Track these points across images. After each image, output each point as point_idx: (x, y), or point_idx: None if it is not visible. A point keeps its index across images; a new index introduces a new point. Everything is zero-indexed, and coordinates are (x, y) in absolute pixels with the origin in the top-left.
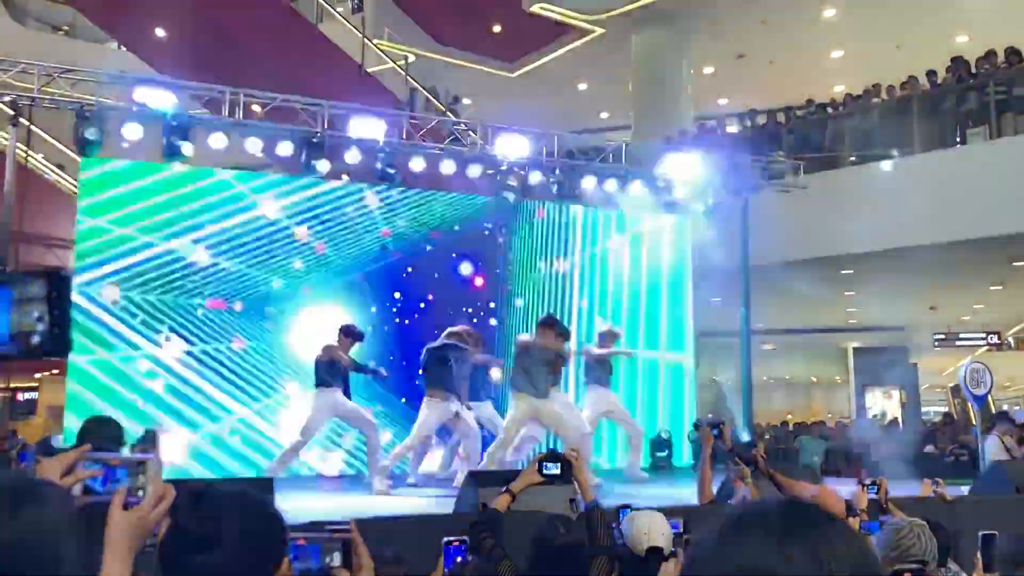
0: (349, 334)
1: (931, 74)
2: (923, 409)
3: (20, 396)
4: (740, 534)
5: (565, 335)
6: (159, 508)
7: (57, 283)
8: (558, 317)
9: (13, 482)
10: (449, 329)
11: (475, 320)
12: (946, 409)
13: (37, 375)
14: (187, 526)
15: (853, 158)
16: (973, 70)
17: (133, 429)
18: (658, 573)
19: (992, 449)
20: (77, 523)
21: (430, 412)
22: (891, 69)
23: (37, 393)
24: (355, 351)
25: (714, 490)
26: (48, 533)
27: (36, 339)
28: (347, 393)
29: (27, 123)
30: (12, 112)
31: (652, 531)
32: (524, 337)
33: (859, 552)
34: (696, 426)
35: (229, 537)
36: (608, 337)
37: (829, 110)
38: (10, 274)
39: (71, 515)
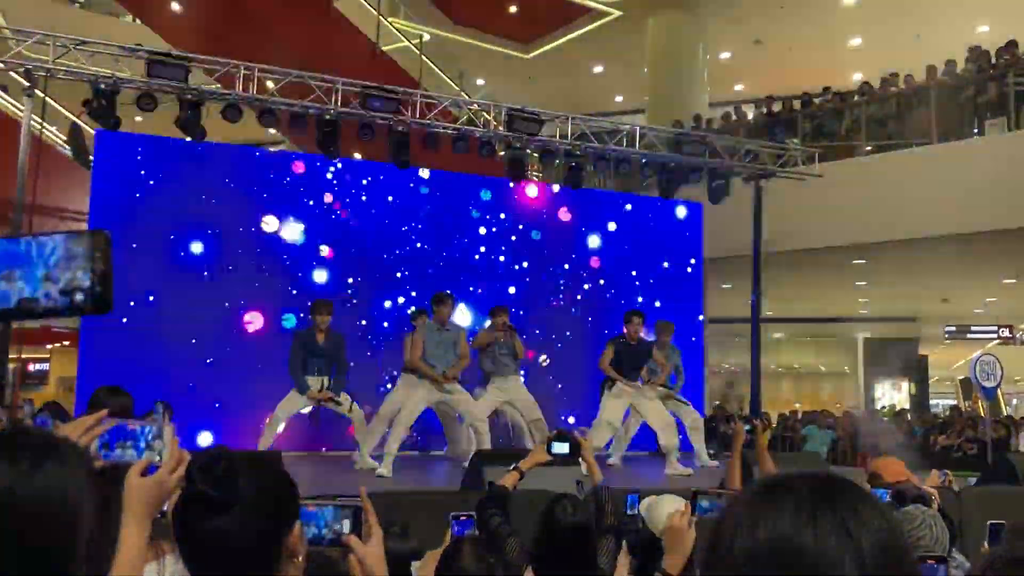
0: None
1: (950, 64)
2: (932, 401)
3: (31, 367)
4: (769, 506)
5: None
6: (176, 473)
7: (101, 243)
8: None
9: (35, 438)
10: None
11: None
12: (954, 402)
13: (48, 346)
14: (201, 489)
15: (869, 147)
16: (993, 60)
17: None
18: None
19: None
20: (95, 483)
21: None
22: (910, 58)
23: (48, 364)
24: None
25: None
26: (70, 491)
27: (80, 297)
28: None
29: (42, 95)
30: (27, 83)
31: None
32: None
33: (889, 526)
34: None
35: (243, 500)
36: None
37: (846, 98)
38: (47, 234)
39: (90, 474)
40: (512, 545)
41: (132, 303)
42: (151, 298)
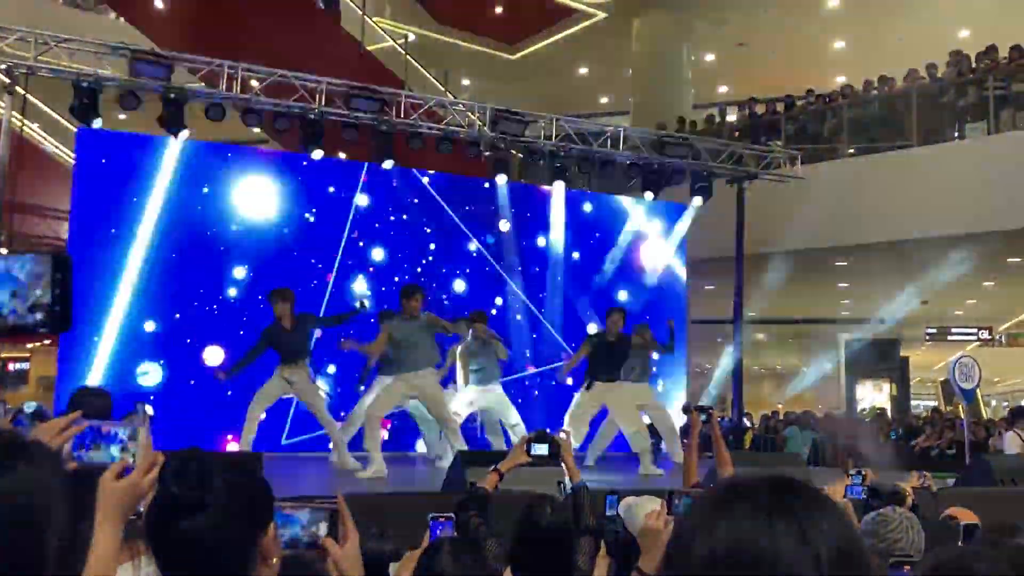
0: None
1: (931, 67)
2: (913, 403)
3: (11, 367)
4: (727, 509)
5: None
6: (150, 476)
7: (61, 264)
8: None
9: (5, 439)
10: None
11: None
12: (935, 403)
13: (29, 345)
14: (174, 491)
15: (852, 150)
16: (973, 65)
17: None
18: None
19: (1010, 444)
20: (67, 486)
21: None
22: (892, 61)
23: (28, 364)
24: None
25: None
26: (39, 492)
27: (40, 316)
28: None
29: (23, 92)
30: (8, 80)
31: None
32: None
33: (845, 530)
34: (685, 410)
35: (216, 502)
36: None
37: (829, 101)
38: (17, 254)
39: (62, 477)
40: (491, 546)
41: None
42: (139, 297)
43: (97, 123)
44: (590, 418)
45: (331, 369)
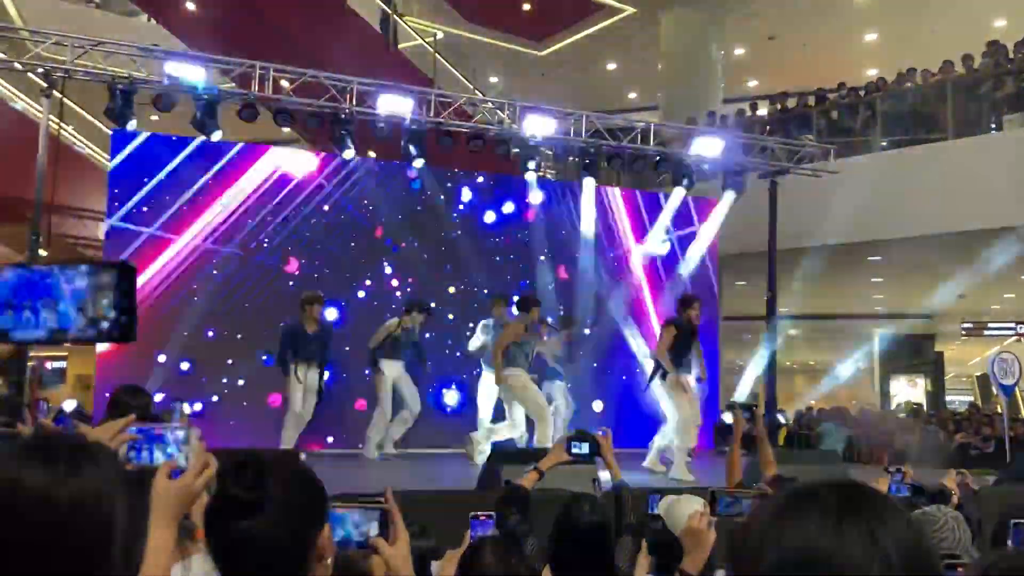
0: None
1: (967, 59)
2: (948, 398)
3: (48, 365)
4: (796, 514)
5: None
6: (202, 477)
7: (126, 274)
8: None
9: (70, 441)
10: None
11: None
12: (971, 398)
13: (66, 344)
14: (232, 492)
15: (885, 143)
16: (1010, 55)
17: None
18: None
19: None
20: (128, 488)
21: None
22: (926, 53)
23: (65, 363)
24: None
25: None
26: (103, 494)
27: (105, 325)
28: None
29: (60, 95)
30: (45, 84)
31: None
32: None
33: (914, 533)
34: (729, 408)
35: (273, 503)
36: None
37: (861, 94)
38: (85, 265)
39: (122, 478)
40: (530, 545)
41: (150, 302)
42: (174, 297)
43: (132, 125)
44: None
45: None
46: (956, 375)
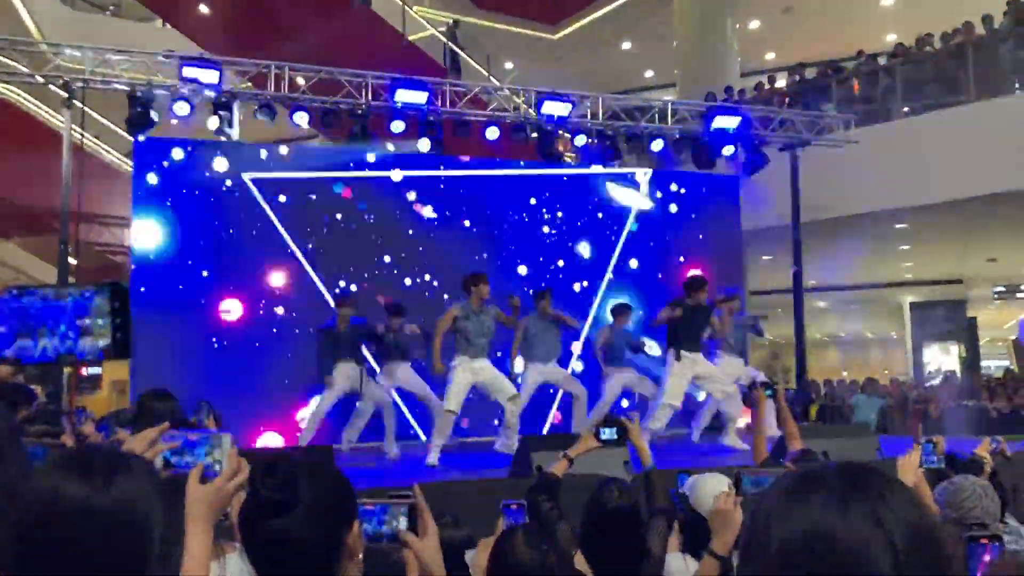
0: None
1: (987, 19)
2: (983, 363)
3: (84, 371)
4: (801, 496)
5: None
6: (235, 480)
7: (120, 295)
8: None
9: (106, 452)
10: None
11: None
12: (1008, 363)
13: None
14: (264, 493)
15: (906, 109)
16: None
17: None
18: None
19: None
20: (163, 494)
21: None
22: (945, 15)
23: (101, 368)
24: None
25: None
26: (140, 502)
27: (102, 343)
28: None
29: (80, 105)
30: (66, 95)
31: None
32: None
33: (919, 513)
34: (750, 387)
35: (304, 502)
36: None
37: (880, 61)
38: (79, 288)
39: (158, 486)
40: (562, 531)
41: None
42: (202, 300)
43: (152, 131)
44: (682, 396)
45: None
46: (992, 339)
